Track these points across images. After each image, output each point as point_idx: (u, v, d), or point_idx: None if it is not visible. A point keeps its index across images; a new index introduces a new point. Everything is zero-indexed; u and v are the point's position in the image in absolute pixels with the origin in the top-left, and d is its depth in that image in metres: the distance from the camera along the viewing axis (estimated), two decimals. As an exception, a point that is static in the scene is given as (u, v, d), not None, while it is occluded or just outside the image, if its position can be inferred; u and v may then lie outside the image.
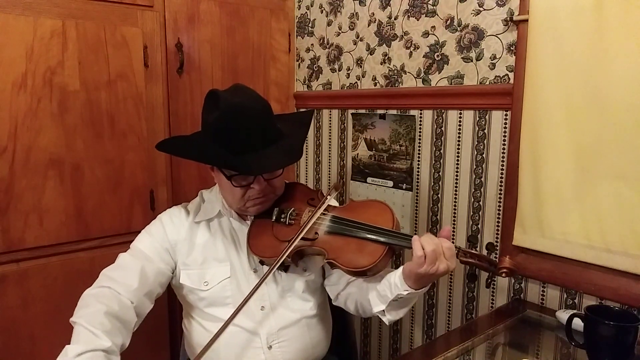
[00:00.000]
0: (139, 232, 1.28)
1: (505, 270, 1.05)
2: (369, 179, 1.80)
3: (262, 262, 1.22)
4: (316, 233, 1.14)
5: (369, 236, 1.09)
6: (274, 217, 1.22)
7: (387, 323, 1.15)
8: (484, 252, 1.10)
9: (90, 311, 1.06)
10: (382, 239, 1.08)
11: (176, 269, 1.25)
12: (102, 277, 1.16)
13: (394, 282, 1.08)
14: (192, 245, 1.25)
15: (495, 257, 1.14)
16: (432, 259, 1.00)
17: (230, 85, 1.20)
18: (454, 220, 1.54)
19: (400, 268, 1.08)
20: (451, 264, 1.02)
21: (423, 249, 1.01)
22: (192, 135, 1.29)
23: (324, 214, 1.17)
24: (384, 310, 1.11)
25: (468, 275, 1.11)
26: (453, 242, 1.05)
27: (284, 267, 1.22)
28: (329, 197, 1.21)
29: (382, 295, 1.11)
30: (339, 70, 1.88)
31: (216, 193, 1.30)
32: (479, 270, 1.09)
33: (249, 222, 1.26)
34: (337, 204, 1.30)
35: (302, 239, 1.14)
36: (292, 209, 1.22)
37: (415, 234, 1.07)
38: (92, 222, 1.57)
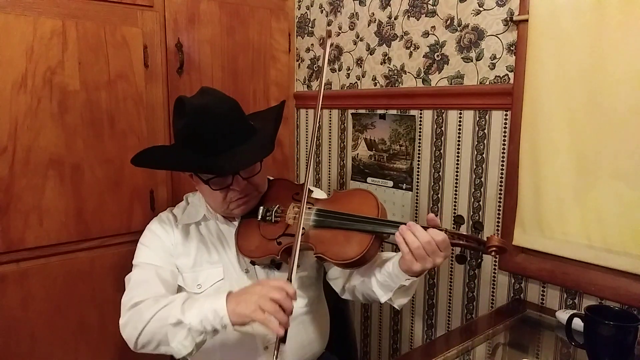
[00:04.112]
0: (139, 232, 1.28)
1: (494, 248, 1.02)
2: (369, 179, 1.80)
3: (253, 263, 1.22)
4: (303, 228, 1.14)
5: (355, 226, 1.09)
6: (259, 216, 1.21)
7: (397, 308, 1.15)
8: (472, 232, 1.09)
9: (144, 308, 1.07)
10: (368, 228, 1.08)
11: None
12: (125, 303, 1.12)
13: (394, 273, 1.08)
14: (184, 248, 1.25)
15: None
16: (421, 255, 0.99)
17: (198, 90, 1.19)
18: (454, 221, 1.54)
19: (397, 258, 1.08)
20: (447, 253, 1.02)
21: (408, 247, 1.01)
22: (167, 146, 1.27)
23: (309, 208, 1.17)
24: (391, 299, 1.12)
25: (457, 258, 1.10)
26: (444, 230, 1.03)
27: (277, 265, 1.22)
28: (310, 189, 1.20)
29: (385, 285, 1.11)
30: (339, 70, 1.88)
31: (199, 197, 1.29)
32: (468, 251, 1.08)
33: (236, 223, 1.26)
34: (324, 196, 1.30)
35: (289, 235, 1.14)
36: (277, 205, 1.22)
37: (403, 223, 1.05)
38: (92, 222, 1.57)
